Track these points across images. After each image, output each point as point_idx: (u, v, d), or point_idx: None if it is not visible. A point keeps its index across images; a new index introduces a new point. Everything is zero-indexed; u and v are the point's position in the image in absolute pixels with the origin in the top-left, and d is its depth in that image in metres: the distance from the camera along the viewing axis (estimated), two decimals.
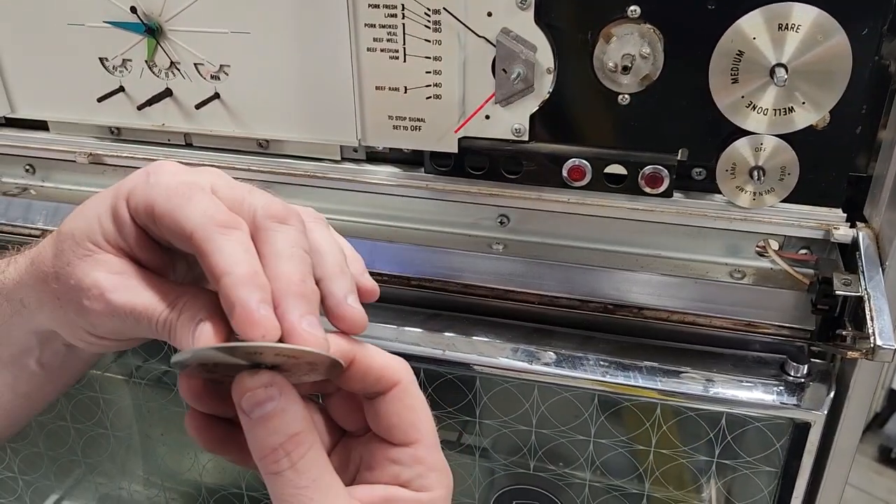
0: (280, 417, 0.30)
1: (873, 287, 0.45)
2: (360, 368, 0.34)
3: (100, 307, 0.32)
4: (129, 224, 0.33)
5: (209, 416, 0.34)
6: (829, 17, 0.44)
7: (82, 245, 0.33)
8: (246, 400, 0.30)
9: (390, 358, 0.35)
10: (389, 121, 0.53)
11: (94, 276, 0.32)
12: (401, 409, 0.34)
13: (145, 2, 0.53)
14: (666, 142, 0.50)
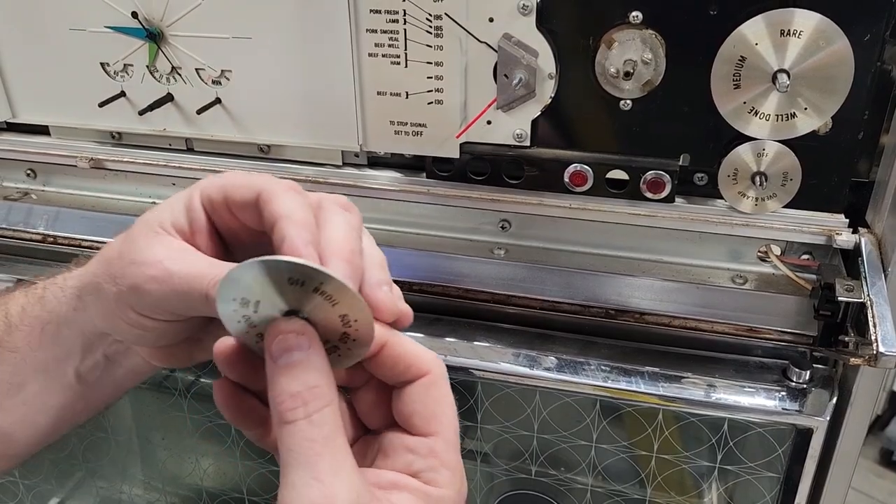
0: (304, 367, 0.31)
1: (876, 293, 0.45)
2: (391, 353, 0.34)
3: (158, 273, 0.34)
4: (198, 211, 0.35)
5: (237, 388, 0.35)
6: (831, 23, 0.43)
7: (151, 227, 0.35)
8: (277, 343, 0.32)
9: (424, 349, 0.35)
10: (391, 126, 0.53)
11: (155, 249, 0.34)
12: (426, 398, 0.35)
13: (146, 7, 0.53)
14: (668, 147, 0.50)
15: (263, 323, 0.32)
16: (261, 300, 0.31)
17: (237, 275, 0.31)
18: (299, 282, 0.31)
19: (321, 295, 0.31)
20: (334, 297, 0.31)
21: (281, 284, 0.31)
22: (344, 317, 0.32)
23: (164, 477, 0.75)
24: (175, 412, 0.68)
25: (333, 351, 0.33)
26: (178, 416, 0.68)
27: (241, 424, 0.36)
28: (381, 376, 0.35)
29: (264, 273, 0.31)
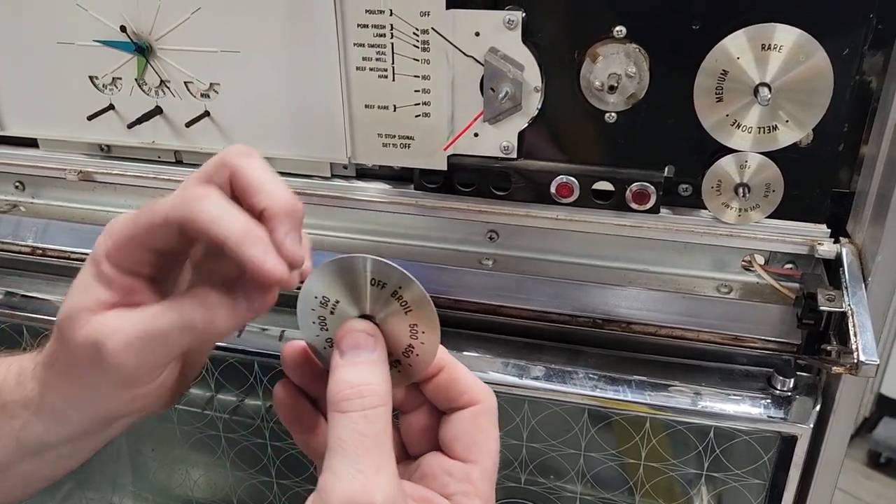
0: (367, 366, 0.33)
1: (856, 303, 0.45)
2: (448, 377, 0.36)
3: (116, 345, 0.33)
4: (115, 274, 0.34)
5: (296, 390, 0.37)
6: (810, 38, 0.44)
7: (79, 318, 0.34)
8: (347, 338, 0.33)
9: (477, 380, 0.37)
10: (379, 139, 0.53)
11: (100, 326, 0.33)
12: (472, 426, 0.36)
13: (135, 21, 0.54)
14: (652, 159, 0.51)
15: (336, 326, 0.34)
16: (340, 300, 0.34)
17: (322, 274, 0.33)
18: (381, 283, 0.33)
19: (397, 300, 0.33)
20: (409, 303, 0.33)
21: (364, 285, 0.33)
22: (413, 326, 0.34)
23: (154, 488, 0.75)
24: (165, 423, 0.68)
25: (395, 366, 0.35)
26: (168, 427, 0.68)
27: (293, 425, 0.38)
28: (434, 399, 0.37)
29: (351, 271, 0.33)
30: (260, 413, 0.63)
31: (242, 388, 0.62)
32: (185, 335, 0.33)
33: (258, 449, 0.65)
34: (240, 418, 0.65)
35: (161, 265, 0.35)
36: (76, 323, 0.34)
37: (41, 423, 0.38)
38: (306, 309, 0.35)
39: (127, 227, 0.34)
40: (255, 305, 0.33)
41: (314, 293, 0.34)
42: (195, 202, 0.32)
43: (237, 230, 0.31)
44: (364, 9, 0.49)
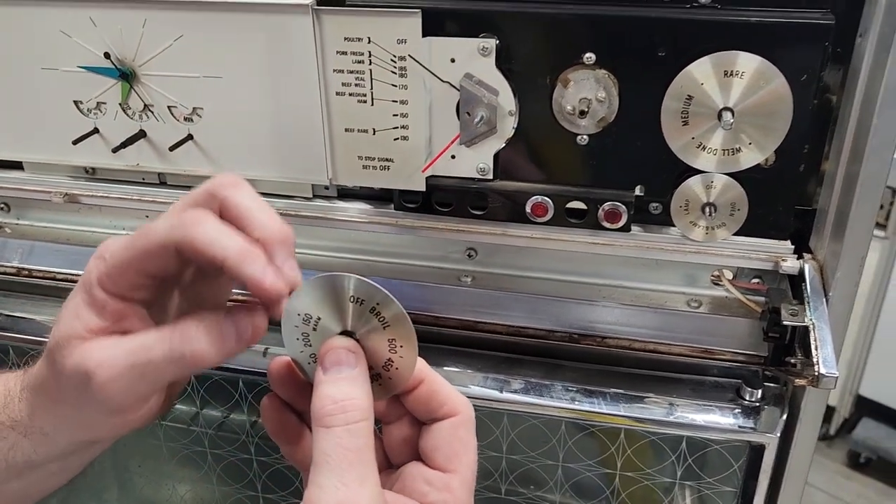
0: (350, 382, 0.34)
1: (818, 317, 0.47)
2: (428, 389, 0.37)
3: (105, 375, 0.34)
4: (107, 299, 0.35)
5: (282, 404, 0.39)
6: (770, 65, 0.46)
7: (68, 345, 0.35)
8: (330, 354, 0.35)
9: (457, 392, 0.38)
10: (359, 161, 0.55)
11: (89, 356, 0.34)
12: (452, 437, 0.37)
13: (119, 48, 0.55)
14: (623, 179, 0.53)
15: (319, 342, 0.36)
16: (322, 317, 0.35)
17: (303, 292, 0.35)
18: (359, 300, 0.35)
19: (376, 316, 0.35)
20: (387, 318, 0.35)
21: (343, 302, 0.35)
22: (392, 341, 0.36)
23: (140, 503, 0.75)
24: (151, 440, 0.69)
25: (376, 379, 0.37)
26: (154, 443, 0.69)
27: (279, 438, 0.39)
28: (415, 411, 0.38)
29: (331, 288, 0.35)
30: (245, 429, 0.64)
31: (227, 404, 0.63)
32: (174, 367, 0.34)
33: (244, 464, 0.66)
34: (225, 434, 0.66)
35: (153, 290, 0.36)
36: (65, 350, 0.35)
37: (29, 443, 0.39)
38: (290, 326, 0.36)
39: (121, 252, 0.35)
40: (244, 337, 0.34)
41: (297, 311, 0.35)
42: (192, 225, 0.33)
43: (235, 250, 0.33)
44: (343, 36, 0.51)
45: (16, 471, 0.40)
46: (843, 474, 2.14)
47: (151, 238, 0.34)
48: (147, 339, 0.35)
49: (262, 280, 0.33)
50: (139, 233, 0.35)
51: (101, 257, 0.35)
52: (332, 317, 0.35)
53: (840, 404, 2.17)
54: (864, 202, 0.46)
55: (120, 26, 0.54)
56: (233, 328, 0.34)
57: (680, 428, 0.54)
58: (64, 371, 0.35)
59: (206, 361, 0.34)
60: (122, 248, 0.35)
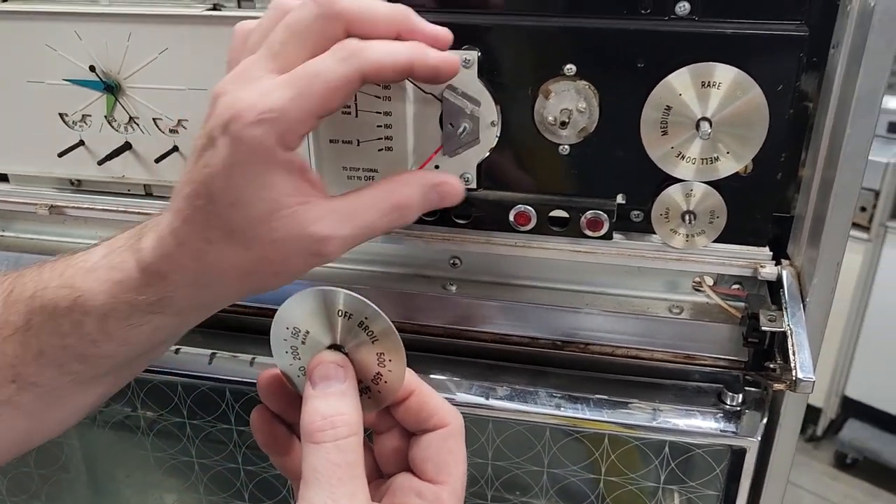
0: (339, 397, 0.35)
1: (795, 323, 0.48)
2: (417, 401, 0.38)
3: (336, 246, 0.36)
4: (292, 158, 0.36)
5: (271, 416, 0.39)
6: (747, 76, 0.47)
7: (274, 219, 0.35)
8: (319, 370, 0.35)
9: (446, 403, 0.39)
10: (344, 171, 0.55)
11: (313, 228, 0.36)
12: (441, 448, 0.38)
13: (104, 61, 0.55)
14: (605, 188, 0.53)
15: (308, 355, 0.36)
16: (310, 331, 0.36)
17: (292, 305, 0.35)
18: (347, 314, 0.35)
19: (364, 330, 0.35)
20: (376, 333, 0.35)
21: (331, 316, 0.35)
22: (381, 355, 0.36)
23: None
24: (138, 450, 0.69)
25: (365, 392, 0.37)
26: (142, 453, 0.69)
27: (270, 449, 0.40)
28: (405, 422, 0.39)
29: (319, 302, 0.35)
30: (232, 438, 0.65)
31: (215, 413, 0.64)
32: (390, 226, 0.38)
33: (231, 473, 0.67)
34: (212, 443, 0.66)
35: None
36: (274, 223, 0.35)
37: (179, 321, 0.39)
38: (279, 339, 0.37)
39: (296, 104, 0.34)
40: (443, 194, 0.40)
41: (286, 324, 0.36)
42: (364, 51, 0.35)
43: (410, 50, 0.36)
44: None
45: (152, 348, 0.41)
46: (829, 475, 2.16)
47: (331, 79, 0.34)
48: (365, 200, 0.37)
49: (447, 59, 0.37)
50: (302, 80, 0.34)
51: (262, 120, 0.34)
52: (321, 330, 0.36)
53: (826, 406, 2.19)
54: (839, 209, 0.47)
55: (105, 40, 0.54)
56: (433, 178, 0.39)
57: (664, 433, 0.55)
58: (277, 244, 0.35)
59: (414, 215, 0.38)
60: (290, 99, 0.34)
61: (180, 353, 0.60)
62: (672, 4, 0.48)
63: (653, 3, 0.48)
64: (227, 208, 0.35)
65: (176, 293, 0.37)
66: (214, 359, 0.61)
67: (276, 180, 0.35)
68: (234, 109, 0.34)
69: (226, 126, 0.34)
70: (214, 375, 0.60)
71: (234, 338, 0.62)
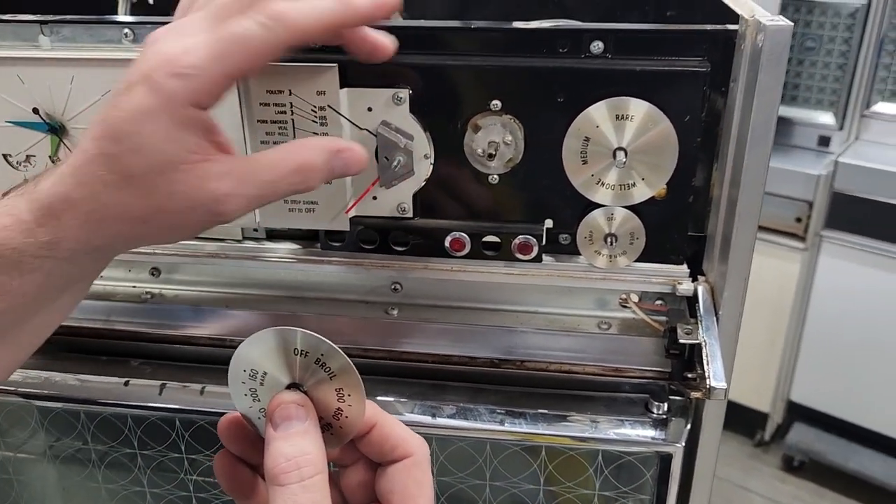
0: (301, 437, 0.35)
1: (709, 335, 0.52)
2: (380, 433, 0.38)
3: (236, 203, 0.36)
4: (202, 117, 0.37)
5: (234, 460, 0.39)
6: (657, 109, 0.51)
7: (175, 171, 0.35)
8: (279, 410, 0.35)
9: (410, 433, 0.39)
10: (285, 204, 0.58)
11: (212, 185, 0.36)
12: (407, 479, 0.38)
13: (47, 103, 0.57)
14: (533, 214, 0.57)
15: (267, 396, 0.36)
16: (268, 371, 0.36)
17: (248, 347, 0.36)
18: (304, 353, 0.36)
19: (322, 367, 0.36)
20: (333, 369, 0.36)
21: (288, 355, 0.36)
22: (340, 391, 0.37)
23: None
24: (91, 483, 0.69)
25: (327, 429, 0.37)
26: (93, 485, 0.70)
27: (235, 493, 0.39)
28: (369, 454, 0.39)
29: (275, 342, 0.35)
30: (183, 466, 0.66)
31: (165, 443, 0.65)
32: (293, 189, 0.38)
33: (183, 501, 0.68)
34: (164, 473, 0.67)
35: None
36: (173, 175, 0.35)
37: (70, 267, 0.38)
38: (237, 382, 0.37)
39: (213, 64, 0.35)
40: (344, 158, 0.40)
41: (243, 366, 0.36)
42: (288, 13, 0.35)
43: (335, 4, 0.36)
44: (265, 89, 0.54)
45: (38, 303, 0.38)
46: (778, 478, 2.23)
47: (253, 45, 0.35)
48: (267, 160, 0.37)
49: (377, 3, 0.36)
50: (225, 43, 0.35)
51: (180, 74, 0.34)
52: (279, 370, 0.36)
53: (773, 411, 2.26)
54: (743, 229, 0.51)
55: (48, 83, 0.56)
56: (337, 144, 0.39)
57: (599, 443, 0.58)
58: (175, 197, 0.35)
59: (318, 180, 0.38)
60: (211, 59, 0.35)
61: (130, 384, 0.62)
62: (587, 43, 0.52)
63: (570, 43, 0.52)
64: (129, 153, 0.35)
65: (68, 234, 0.37)
66: (164, 389, 0.62)
67: (182, 135, 0.35)
68: (156, 60, 0.35)
69: (145, 74, 0.36)
70: (164, 406, 0.61)
71: (183, 368, 0.63)
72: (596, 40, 0.52)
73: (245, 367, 0.36)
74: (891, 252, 1.92)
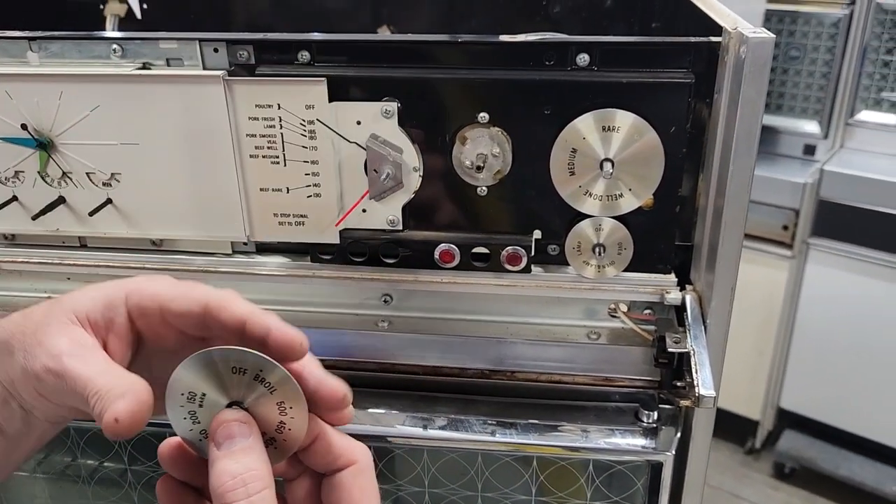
0: (244, 454, 0.35)
1: (697, 343, 0.53)
2: (323, 443, 0.39)
3: (55, 366, 0.36)
4: (121, 315, 0.38)
5: (179, 484, 0.39)
6: (643, 121, 0.52)
7: (66, 314, 0.37)
8: (221, 430, 0.35)
9: (352, 440, 0.40)
10: (275, 218, 0.58)
11: (60, 339, 0.37)
12: (352, 486, 0.39)
13: (36, 119, 0.57)
14: (521, 225, 0.57)
15: (208, 417, 0.36)
16: (206, 392, 0.36)
17: (184, 371, 0.35)
18: (241, 370, 0.35)
19: (261, 383, 0.36)
20: (273, 384, 0.36)
21: (225, 374, 0.35)
22: (281, 404, 0.36)
23: None
24: (80, 499, 0.69)
25: (271, 443, 0.37)
26: (83, 502, 0.69)
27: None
28: (314, 465, 0.39)
29: (210, 363, 0.35)
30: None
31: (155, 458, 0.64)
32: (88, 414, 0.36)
33: None
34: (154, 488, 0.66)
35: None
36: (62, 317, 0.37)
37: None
38: (175, 406, 0.36)
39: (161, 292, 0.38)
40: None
41: (180, 390, 0.36)
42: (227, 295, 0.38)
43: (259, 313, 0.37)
44: (254, 103, 0.54)
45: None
46: (770, 485, 2.23)
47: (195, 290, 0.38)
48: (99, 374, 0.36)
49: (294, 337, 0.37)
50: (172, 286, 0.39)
51: (150, 278, 0.39)
52: (217, 390, 0.36)
53: (763, 418, 2.27)
54: (729, 238, 0.52)
55: (36, 99, 0.56)
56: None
57: (589, 452, 0.58)
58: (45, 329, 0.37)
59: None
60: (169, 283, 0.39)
61: None
62: (573, 56, 0.53)
63: (556, 55, 0.53)
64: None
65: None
66: None
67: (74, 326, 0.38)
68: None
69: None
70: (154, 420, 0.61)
71: None
72: (582, 53, 0.52)
73: (182, 391, 0.36)
74: (876, 259, 1.93)
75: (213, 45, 0.54)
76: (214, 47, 0.54)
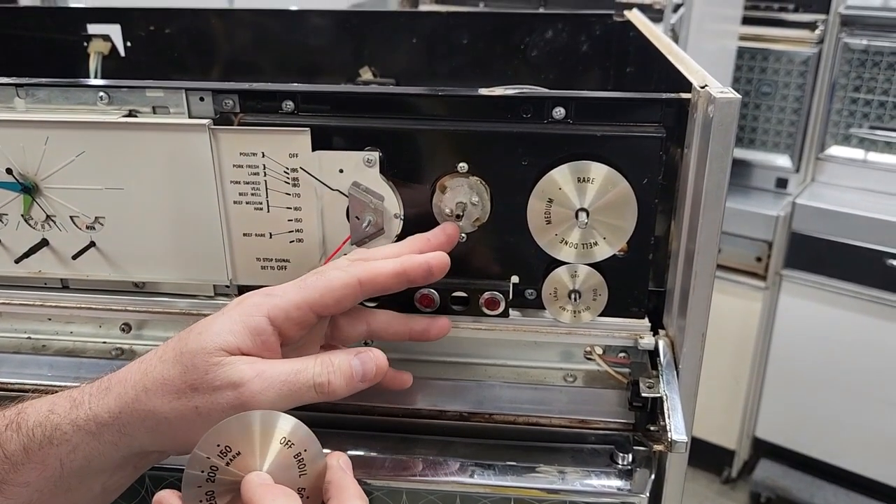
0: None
1: (670, 388, 0.54)
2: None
3: (258, 386, 0.39)
4: (268, 332, 0.43)
5: None
6: (616, 172, 0.54)
7: (217, 354, 0.40)
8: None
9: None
10: (257, 262, 0.59)
11: (239, 370, 0.40)
12: None
13: (21, 164, 0.57)
14: (499, 271, 0.59)
15: (227, 477, 0.35)
16: (242, 452, 0.35)
17: (235, 421, 0.36)
18: (289, 443, 0.36)
19: (298, 463, 0.36)
20: (308, 469, 0.37)
21: (272, 441, 0.36)
22: (301, 491, 0.37)
23: None
24: None
25: None
26: None
27: None
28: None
29: (265, 424, 0.36)
30: None
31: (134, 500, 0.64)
32: (312, 393, 0.41)
33: None
34: None
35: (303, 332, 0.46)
36: (214, 357, 0.40)
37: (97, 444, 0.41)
38: (200, 457, 0.35)
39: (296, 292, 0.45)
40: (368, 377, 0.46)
41: (217, 440, 0.35)
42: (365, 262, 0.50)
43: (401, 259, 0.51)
44: (238, 151, 0.55)
45: (65, 482, 0.41)
46: None
47: (327, 278, 0.47)
48: (295, 365, 0.42)
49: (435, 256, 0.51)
50: (308, 279, 0.47)
51: (270, 294, 0.46)
52: (255, 452, 0.35)
53: (739, 448, 2.29)
54: (699, 287, 0.54)
55: (22, 144, 0.57)
56: (360, 368, 0.46)
57: (567, 494, 0.59)
58: (210, 378, 0.39)
59: (338, 394, 0.44)
60: (295, 288, 0.46)
61: None
62: (549, 109, 0.55)
63: (533, 109, 0.55)
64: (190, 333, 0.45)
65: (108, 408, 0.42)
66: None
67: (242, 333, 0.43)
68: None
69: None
70: None
71: None
72: (558, 106, 0.54)
73: (220, 441, 0.35)
74: (847, 290, 1.97)
75: (199, 94, 0.55)
76: (200, 96, 0.55)
